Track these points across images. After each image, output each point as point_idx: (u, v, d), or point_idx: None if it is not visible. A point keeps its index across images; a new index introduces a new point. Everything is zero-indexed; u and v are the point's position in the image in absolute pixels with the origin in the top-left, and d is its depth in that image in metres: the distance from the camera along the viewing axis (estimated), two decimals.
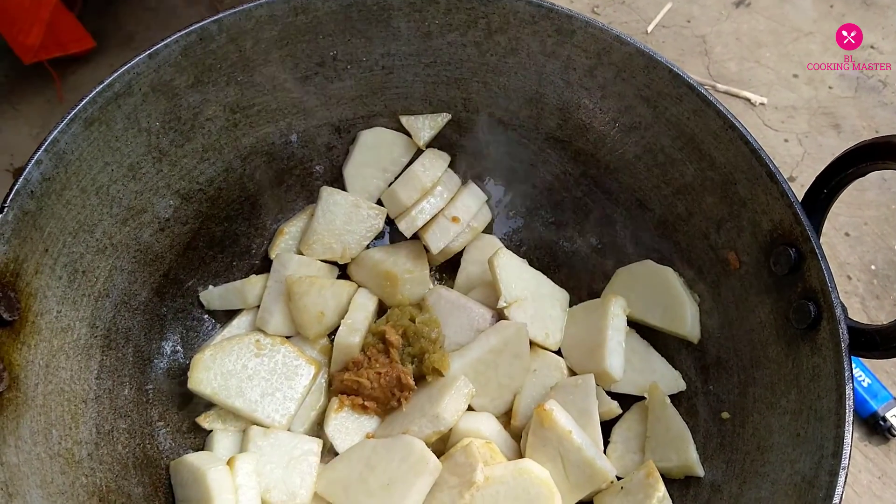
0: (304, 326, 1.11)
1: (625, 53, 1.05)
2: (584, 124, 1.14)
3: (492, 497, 0.97)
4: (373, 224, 1.17)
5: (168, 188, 1.05)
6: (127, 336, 1.03)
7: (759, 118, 1.59)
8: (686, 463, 1.01)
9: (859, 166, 0.89)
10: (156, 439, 1.04)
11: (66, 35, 1.54)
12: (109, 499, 0.93)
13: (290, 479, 1.00)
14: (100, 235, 0.98)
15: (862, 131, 1.57)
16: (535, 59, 1.10)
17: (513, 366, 1.07)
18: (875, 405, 1.24)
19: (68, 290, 0.94)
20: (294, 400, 1.07)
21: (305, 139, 1.16)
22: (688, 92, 1.02)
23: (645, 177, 1.11)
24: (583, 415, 1.03)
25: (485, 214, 1.23)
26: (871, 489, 1.22)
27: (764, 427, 0.94)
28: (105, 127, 0.96)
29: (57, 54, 1.53)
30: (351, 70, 1.12)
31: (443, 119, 1.18)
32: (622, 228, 1.16)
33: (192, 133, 1.06)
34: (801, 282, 0.92)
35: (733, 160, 0.99)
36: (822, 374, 0.88)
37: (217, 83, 1.05)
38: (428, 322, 1.09)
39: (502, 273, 1.10)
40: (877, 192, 1.49)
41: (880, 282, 1.39)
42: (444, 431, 1.01)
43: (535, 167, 1.20)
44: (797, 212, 0.92)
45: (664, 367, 1.10)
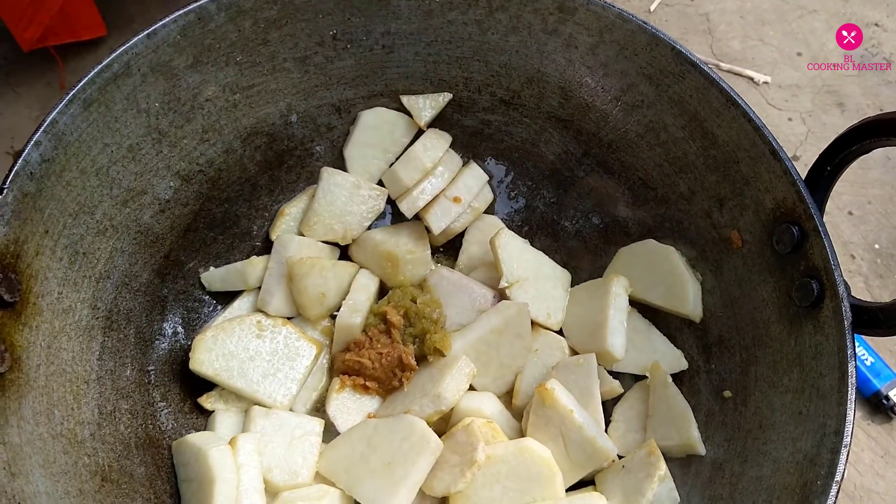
0: (305, 307, 1.11)
1: (627, 31, 1.04)
2: (586, 103, 1.13)
3: (493, 476, 0.98)
4: (374, 205, 1.17)
5: (168, 169, 1.05)
6: (128, 317, 1.03)
7: (762, 97, 1.58)
8: (687, 441, 1.01)
9: (863, 143, 0.88)
10: (158, 420, 1.04)
11: (81, 21, 1.51)
12: (112, 478, 0.94)
13: (291, 458, 1.01)
14: (100, 217, 0.98)
15: (866, 109, 1.56)
16: (537, 37, 1.09)
17: (514, 346, 1.07)
18: (878, 384, 1.24)
19: (69, 272, 0.94)
20: (296, 380, 1.07)
21: (305, 119, 1.16)
22: (690, 69, 1.01)
23: (647, 156, 1.10)
24: (584, 394, 1.03)
25: (486, 195, 1.22)
26: (873, 468, 1.22)
27: (766, 405, 0.94)
28: (104, 108, 0.95)
29: (67, 40, 1.52)
30: (351, 49, 1.11)
31: (444, 99, 1.17)
32: (624, 208, 1.16)
33: (192, 114, 1.05)
34: (804, 260, 0.91)
35: (736, 138, 0.98)
36: (824, 352, 0.88)
37: (216, 63, 1.04)
38: (429, 303, 1.09)
39: (504, 253, 1.10)
40: (881, 171, 1.48)
41: (884, 261, 1.39)
42: (445, 411, 1.01)
43: (537, 147, 1.20)
44: (800, 190, 0.91)
45: (666, 347, 1.10)
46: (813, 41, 1.65)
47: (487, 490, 0.98)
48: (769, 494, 0.88)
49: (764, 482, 0.90)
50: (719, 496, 0.95)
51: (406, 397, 1.04)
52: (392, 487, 0.95)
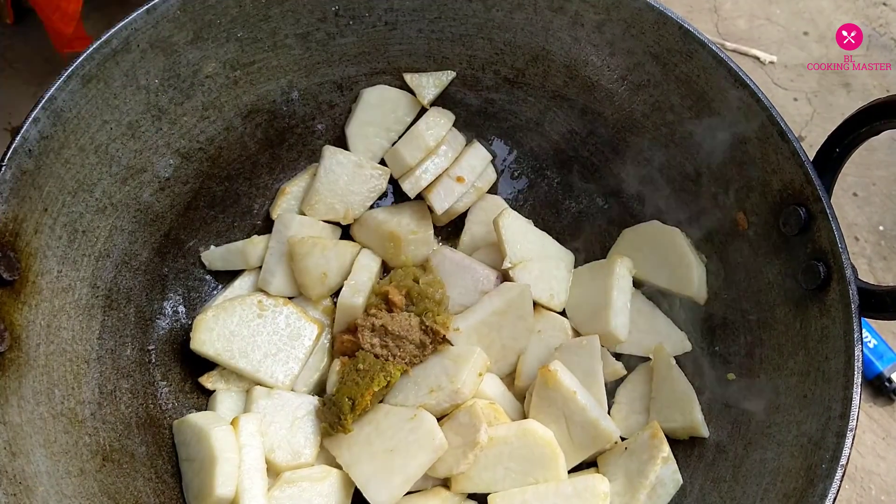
0: (306, 287, 1.10)
1: (634, 9, 1.02)
2: (591, 82, 1.11)
3: (496, 457, 0.98)
4: (376, 184, 1.16)
5: (168, 147, 1.04)
6: (128, 296, 1.02)
7: (768, 77, 1.56)
8: (691, 424, 1.00)
9: (873, 125, 0.87)
10: (158, 399, 1.04)
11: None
12: (113, 458, 0.93)
13: (294, 438, 1.00)
14: (99, 195, 0.96)
15: (872, 90, 1.55)
16: (542, 14, 1.08)
17: (517, 327, 1.07)
18: (881, 366, 1.24)
19: (68, 250, 0.93)
20: (297, 360, 1.07)
21: (307, 97, 1.14)
22: (698, 49, 0.99)
23: (653, 136, 1.09)
24: (587, 375, 1.03)
25: (490, 174, 1.21)
26: (874, 450, 1.22)
27: (770, 388, 0.94)
28: (103, 84, 0.94)
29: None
30: (353, 26, 1.10)
31: (447, 77, 1.16)
32: (629, 188, 1.15)
33: (192, 91, 1.04)
34: (811, 242, 0.91)
35: (744, 119, 0.97)
36: (830, 335, 0.87)
37: (217, 39, 1.02)
38: (432, 283, 1.09)
39: (507, 233, 1.09)
40: (886, 153, 1.47)
41: (888, 243, 1.38)
42: (461, 404, 1.00)
43: (541, 126, 1.19)
44: (808, 171, 0.91)
45: (670, 328, 1.10)
46: (820, 20, 1.64)
47: (490, 471, 0.98)
48: (773, 477, 0.88)
49: (768, 465, 0.90)
50: (722, 478, 0.95)
51: (419, 387, 1.03)
52: (388, 474, 0.95)
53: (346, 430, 0.99)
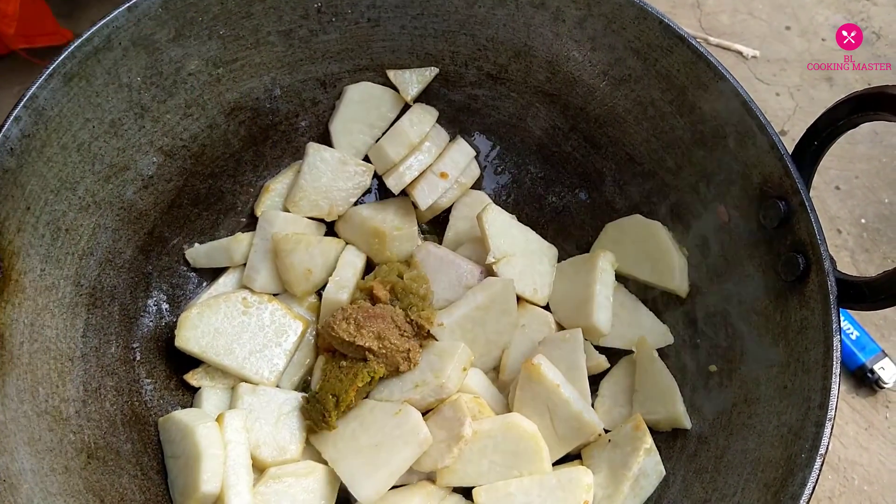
0: (291, 284, 1.11)
1: (615, 4, 1.03)
2: (573, 77, 1.12)
3: (480, 451, 0.98)
4: (360, 181, 1.16)
5: (151, 145, 1.04)
6: (112, 294, 1.02)
7: (750, 71, 1.57)
8: (673, 416, 1.01)
9: (851, 117, 0.88)
10: (143, 397, 1.04)
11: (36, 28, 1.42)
12: (98, 455, 0.93)
13: (279, 434, 1.01)
14: (82, 193, 0.96)
15: (855, 84, 1.56)
16: (524, 10, 1.08)
17: (500, 321, 1.07)
18: (863, 358, 1.25)
19: (52, 249, 0.93)
20: (282, 357, 1.07)
21: (290, 94, 1.14)
22: (678, 43, 1.00)
23: (634, 130, 1.10)
24: (571, 369, 1.03)
25: (473, 170, 1.22)
26: (857, 440, 1.23)
27: (751, 380, 0.95)
28: (85, 82, 0.94)
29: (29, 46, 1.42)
30: (336, 23, 1.10)
31: (430, 73, 1.16)
32: (611, 183, 1.16)
33: (175, 88, 1.04)
34: (791, 235, 0.91)
35: (724, 113, 0.98)
36: (809, 326, 0.88)
37: (199, 37, 1.03)
38: (416, 278, 1.09)
39: (491, 229, 1.09)
40: (868, 146, 1.48)
41: (870, 235, 1.39)
42: (446, 398, 1.01)
43: (524, 122, 1.19)
44: (787, 164, 0.91)
45: (652, 322, 1.10)
46: (802, 15, 1.65)
47: (474, 465, 0.98)
48: (754, 467, 0.89)
49: (749, 455, 0.90)
50: (704, 469, 0.96)
51: (404, 382, 1.03)
52: (373, 469, 0.96)
53: (330, 428, 0.99)
